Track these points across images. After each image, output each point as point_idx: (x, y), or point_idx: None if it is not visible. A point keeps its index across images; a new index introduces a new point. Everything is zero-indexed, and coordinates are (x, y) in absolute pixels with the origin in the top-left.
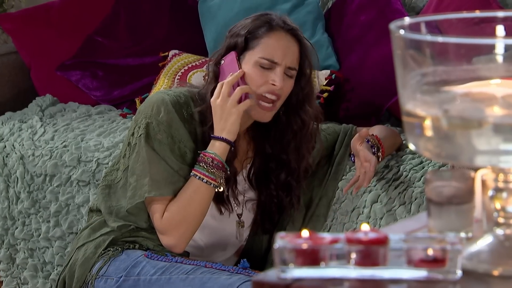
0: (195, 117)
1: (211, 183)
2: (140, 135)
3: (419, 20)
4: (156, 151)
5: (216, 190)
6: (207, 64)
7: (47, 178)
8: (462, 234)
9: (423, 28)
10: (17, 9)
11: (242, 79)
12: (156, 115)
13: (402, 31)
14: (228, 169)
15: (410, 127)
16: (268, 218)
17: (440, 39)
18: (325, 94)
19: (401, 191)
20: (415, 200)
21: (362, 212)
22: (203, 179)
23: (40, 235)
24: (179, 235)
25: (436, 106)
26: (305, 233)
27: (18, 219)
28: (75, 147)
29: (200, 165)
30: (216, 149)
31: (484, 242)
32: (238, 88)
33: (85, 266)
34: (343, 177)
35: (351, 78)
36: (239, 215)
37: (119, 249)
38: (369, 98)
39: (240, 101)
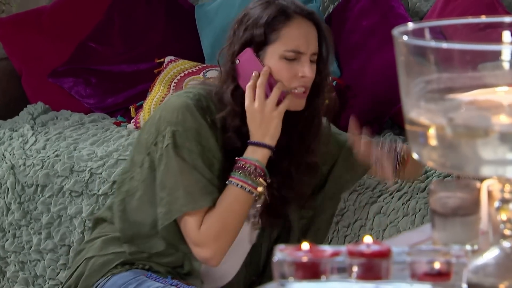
0: (217, 122)
1: (253, 192)
2: (167, 145)
3: (423, 26)
4: (186, 161)
5: (257, 198)
6: (217, 60)
7: (39, 189)
8: (468, 247)
9: (427, 34)
10: (8, 14)
11: (270, 76)
12: (183, 122)
13: (405, 37)
14: (268, 177)
15: (414, 136)
16: (273, 214)
17: (444, 45)
18: (326, 101)
19: (404, 202)
20: (419, 211)
21: (365, 223)
22: (245, 188)
23: (31, 247)
24: (217, 247)
25: (440, 115)
26: (305, 245)
27: (9, 231)
28: (67, 157)
29: (239, 173)
30: (259, 156)
31: (490, 255)
32: (275, 89)
33: (88, 281)
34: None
35: (352, 85)
36: (254, 216)
37: (127, 267)
38: (371, 105)
39: (278, 102)
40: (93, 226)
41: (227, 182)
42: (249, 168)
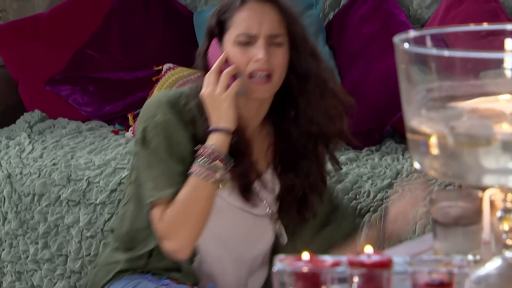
0: (197, 118)
1: (209, 179)
2: (136, 140)
3: (425, 33)
4: (153, 154)
5: (220, 186)
6: (196, 57)
7: (36, 198)
8: (470, 257)
9: (428, 41)
10: (4, 21)
11: (227, 62)
12: (152, 117)
13: (406, 45)
14: (231, 161)
15: (415, 145)
16: (288, 212)
17: (446, 53)
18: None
19: None
20: (420, 220)
21: None
22: (201, 174)
23: (28, 257)
24: (181, 239)
25: (442, 123)
26: (305, 255)
27: (5, 241)
28: (64, 165)
29: (197, 160)
30: (214, 140)
31: (493, 265)
32: (223, 73)
33: None
34: None
35: (353, 93)
36: (272, 211)
37: (130, 271)
38: (372, 114)
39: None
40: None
41: (189, 172)
42: (204, 153)
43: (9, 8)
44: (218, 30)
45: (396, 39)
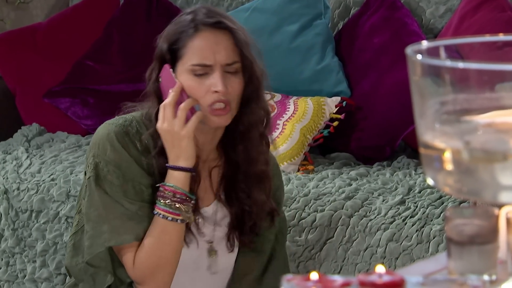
0: (151, 145)
1: (177, 220)
2: (89, 178)
3: (438, 44)
4: (109, 194)
5: (188, 221)
6: (146, 83)
7: (33, 214)
8: (485, 277)
9: (442, 52)
10: (1, 31)
11: (183, 93)
12: (103, 153)
13: (419, 56)
14: (194, 198)
15: (428, 160)
16: (242, 231)
17: (460, 64)
18: (335, 123)
19: (418, 228)
20: (434, 238)
21: (376, 251)
22: (167, 217)
23: (25, 276)
24: (158, 281)
25: (456, 137)
26: (314, 275)
27: (1, 259)
28: (63, 181)
29: (161, 202)
30: (175, 180)
31: (509, 285)
32: (180, 107)
33: None
34: None
35: (363, 106)
36: (210, 244)
37: None
38: (383, 127)
39: (187, 120)
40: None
41: (154, 213)
42: (168, 196)
43: (6, 18)
44: (170, 57)
45: (409, 50)
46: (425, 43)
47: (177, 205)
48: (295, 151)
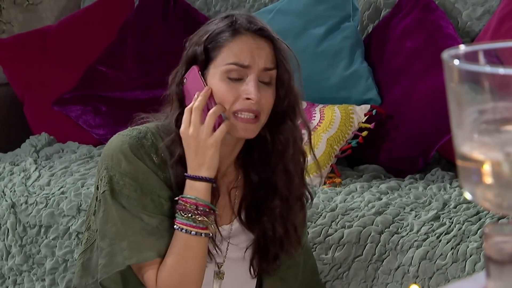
0: (167, 158)
1: (201, 234)
2: (104, 192)
3: (477, 49)
4: (127, 209)
5: (211, 235)
6: (168, 86)
7: (42, 230)
8: None
9: (481, 57)
10: (9, 35)
11: (211, 98)
12: (117, 166)
13: (456, 61)
14: (216, 210)
15: (466, 173)
16: (266, 258)
17: (501, 70)
18: (365, 133)
19: (454, 246)
20: (471, 257)
21: (408, 270)
22: (190, 231)
23: None
24: None
25: (496, 149)
26: None
27: (9, 277)
28: (74, 194)
29: (183, 215)
30: (197, 192)
31: None
32: (209, 113)
33: None
34: None
35: (394, 114)
36: (219, 265)
37: None
38: (416, 137)
39: (215, 127)
40: None
41: (175, 227)
42: (190, 208)
43: (14, 20)
44: (203, 58)
45: (445, 54)
46: (462, 47)
47: (200, 218)
48: (322, 163)
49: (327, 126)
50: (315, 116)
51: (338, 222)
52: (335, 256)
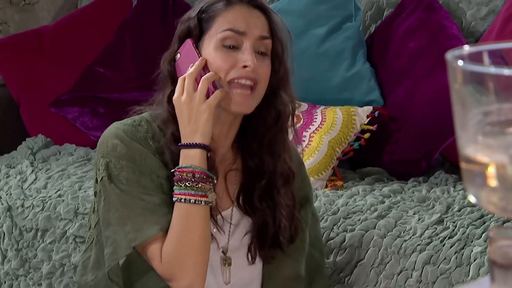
0: (163, 142)
1: (201, 201)
2: (102, 178)
3: (482, 49)
4: (126, 192)
5: (212, 204)
6: (161, 64)
7: (39, 234)
8: None
9: (485, 58)
10: (5, 35)
11: (205, 68)
12: (113, 151)
13: (461, 62)
14: (214, 177)
15: (470, 176)
16: (264, 244)
17: (506, 71)
18: (367, 135)
19: (457, 250)
20: (475, 261)
21: (411, 275)
22: (190, 199)
23: None
24: (190, 274)
25: (501, 151)
26: None
27: (5, 282)
28: (71, 197)
29: (180, 185)
30: (192, 159)
31: None
32: (202, 78)
33: None
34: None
35: (397, 116)
36: (224, 250)
37: None
38: (419, 139)
39: (208, 95)
40: None
41: (174, 199)
42: (187, 177)
43: (10, 20)
44: (197, 31)
45: (449, 55)
46: (467, 48)
47: (198, 185)
48: (323, 166)
49: (329, 128)
50: (316, 118)
51: (340, 226)
52: (336, 260)
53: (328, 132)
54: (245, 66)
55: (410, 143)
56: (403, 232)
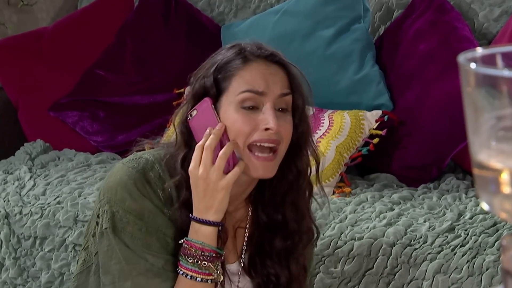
0: (173, 195)
1: (207, 280)
2: (106, 228)
3: (495, 51)
4: (130, 249)
5: (218, 281)
6: (171, 121)
7: (37, 242)
8: None
9: (499, 60)
10: (3, 37)
11: (225, 134)
12: (121, 202)
13: (473, 65)
14: (223, 254)
15: (483, 182)
16: None
17: None
18: (376, 140)
19: (469, 259)
20: (487, 270)
21: (422, 285)
22: (196, 278)
23: None
24: None
25: None
26: None
27: None
28: (71, 204)
29: (188, 260)
30: (203, 237)
31: None
32: (220, 154)
33: None
34: None
35: (407, 121)
36: None
37: None
38: (430, 145)
39: (228, 167)
40: None
41: (179, 272)
42: (195, 254)
43: (7, 22)
44: (214, 91)
45: (461, 58)
46: (479, 50)
47: (206, 264)
48: (330, 172)
49: (336, 133)
50: (323, 122)
51: (347, 234)
52: (344, 269)
53: (335, 137)
54: (267, 129)
55: (420, 148)
56: (413, 241)
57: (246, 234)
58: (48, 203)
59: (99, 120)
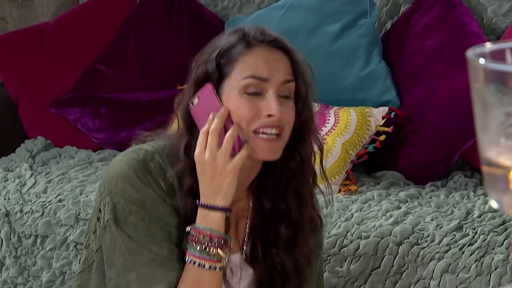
0: (175, 184)
1: (215, 267)
2: (107, 220)
3: (504, 47)
4: (134, 240)
5: (226, 268)
6: (174, 108)
7: (38, 240)
8: None
9: (508, 56)
10: (3, 32)
11: (228, 118)
12: (122, 192)
13: (482, 60)
14: (231, 240)
15: (492, 180)
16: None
17: None
18: (382, 137)
19: (478, 258)
20: (496, 270)
21: (429, 284)
22: (204, 265)
23: None
24: None
25: None
26: None
27: None
28: (72, 202)
29: (195, 247)
30: (211, 223)
31: None
32: (226, 137)
33: None
34: None
35: (414, 117)
36: None
37: None
38: (437, 142)
39: (234, 149)
40: None
41: (186, 260)
42: (203, 240)
43: (8, 17)
44: (216, 76)
45: (470, 53)
46: (488, 45)
47: (214, 251)
48: (336, 169)
49: (342, 130)
50: (329, 119)
51: (353, 233)
52: (350, 268)
53: (341, 134)
54: (270, 115)
55: (427, 145)
56: (421, 239)
57: (248, 225)
58: (49, 201)
59: (101, 117)
